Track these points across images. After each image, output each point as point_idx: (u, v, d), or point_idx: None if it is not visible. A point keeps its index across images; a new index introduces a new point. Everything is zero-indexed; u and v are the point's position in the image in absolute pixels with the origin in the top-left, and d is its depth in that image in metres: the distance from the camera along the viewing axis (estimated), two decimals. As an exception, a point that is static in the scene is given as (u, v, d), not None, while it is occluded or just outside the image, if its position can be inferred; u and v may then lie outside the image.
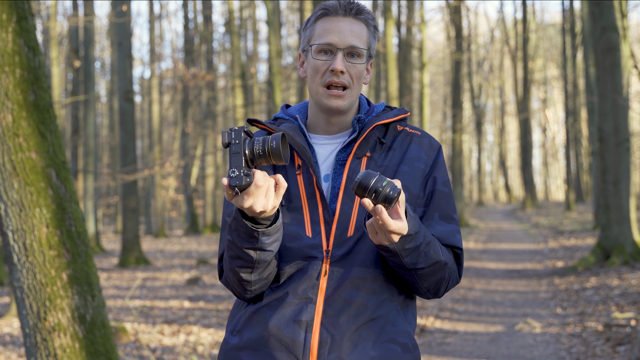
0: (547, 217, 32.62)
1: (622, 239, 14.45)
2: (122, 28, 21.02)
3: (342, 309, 2.27)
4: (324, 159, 2.42)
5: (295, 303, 2.28)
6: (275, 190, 2.11)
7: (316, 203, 2.34)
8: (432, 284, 2.34)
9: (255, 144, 2.09)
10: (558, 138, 62.73)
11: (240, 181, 2.06)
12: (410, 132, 2.48)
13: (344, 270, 2.30)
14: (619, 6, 14.88)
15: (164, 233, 33.04)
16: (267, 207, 2.09)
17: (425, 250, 2.25)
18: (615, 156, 14.60)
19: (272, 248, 2.22)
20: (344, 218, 2.32)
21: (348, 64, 2.37)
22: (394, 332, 2.31)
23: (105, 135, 43.33)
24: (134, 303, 13.06)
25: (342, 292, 2.28)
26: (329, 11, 2.40)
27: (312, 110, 2.48)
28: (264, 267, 2.26)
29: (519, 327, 9.73)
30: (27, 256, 4.74)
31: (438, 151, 2.48)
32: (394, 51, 26.20)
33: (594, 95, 21.23)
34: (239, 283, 2.31)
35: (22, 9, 4.87)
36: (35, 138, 4.80)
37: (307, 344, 2.25)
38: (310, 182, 2.36)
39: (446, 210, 2.42)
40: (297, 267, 2.31)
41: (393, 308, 2.34)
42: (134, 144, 20.95)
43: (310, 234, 2.32)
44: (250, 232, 2.17)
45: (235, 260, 2.27)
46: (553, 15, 68.87)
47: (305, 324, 2.26)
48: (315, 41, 2.40)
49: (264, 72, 38.83)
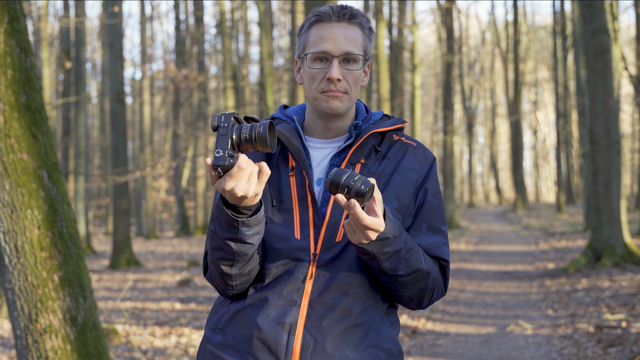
0: (538, 219, 32.69)
1: (613, 241, 14.48)
2: (113, 29, 20.99)
3: (326, 313, 2.27)
4: (318, 163, 2.41)
5: (280, 305, 2.28)
6: (258, 177, 2.10)
7: (307, 206, 2.34)
8: (415, 293, 2.34)
9: (243, 128, 2.09)
10: (549, 140, 62.89)
11: (223, 161, 2.06)
12: (406, 142, 2.48)
13: (330, 274, 2.30)
14: (609, 8, 14.93)
15: (155, 234, 32.99)
16: (248, 192, 2.09)
17: (406, 257, 2.24)
18: (606, 158, 14.64)
19: (253, 241, 2.22)
20: (334, 222, 2.32)
21: (344, 70, 2.36)
22: (377, 339, 2.31)
23: (96, 137, 43.26)
24: (125, 305, 13.03)
25: (327, 297, 2.28)
26: (322, 17, 2.38)
27: (309, 114, 2.48)
28: (245, 262, 2.26)
29: (510, 329, 9.74)
30: (18, 258, 4.72)
31: (432, 163, 2.48)
32: (386, 53, 26.22)
33: (585, 98, 21.29)
34: (220, 277, 2.31)
35: (13, 9, 4.86)
36: (27, 139, 4.79)
37: (290, 346, 2.24)
38: (302, 184, 2.36)
39: (434, 222, 2.42)
40: (283, 268, 2.31)
41: (377, 315, 2.34)
42: (125, 146, 20.92)
43: (298, 237, 2.31)
44: (231, 222, 2.17)
45: (216, 252, 2.27)
46: (544, 17, 69.06)
47: (289, 326, 2.25)
48: (310, 49, 2.39)
49: (256, 74, 38.84)
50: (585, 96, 21.97)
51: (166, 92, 37.32)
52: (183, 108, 31.95)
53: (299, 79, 2.47)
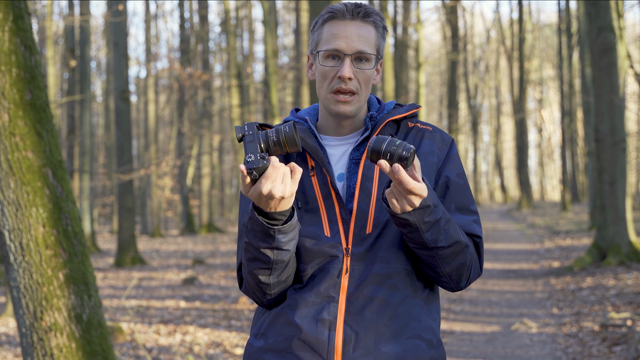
0: (543, 217, 32.64)
1: (618, 239, 14.46)
2: (118, 27, 21.00)
3: (364, 306, 2.27)
4: (337, 159, 2.41)
5: (318, 302, 2.28)
6: (291, 176, 2.11)
7: (332, 203, 2.33)
8: (454, 269, 2.31)
9: (269, 133, 2.12)
10: (554, 138, 62.78)
11: (257, 164, 2.08)
12: (422, 127, 2.47)
13: (365, 267, 2.29)
14: (615, 6, 14.89)
15: (159, 233, 33.00)
16: (285, 192, 2.09)
17: (445, 228, 2.23)
18: (612, 156, 14.61)
19: (289, 247, 2.22)
20: (362, 215, 2.31)
21: (356, 69, 2.35)
22: (418, 328, 2.30)
23: (101, 135, 43.25)
24: (130, 303, 13.05)
25: (364, 289, 2.28)
26: (336, 15, 2.37)
27: (322, 114, 2.47)
28: (282, 269, 2.26)
29: (515, 327, 9.73)
30: (23, 256, 4.73)
31: (451, 144, 2.46)
32: (390, 51, 26.20)
33: (590, 96, 21.27)
34: (258, 287, 2.31)
35: (18, 8, 4.86)
36: (32, 137, 4.79)
37: (331, 342, 2.24)
38: (324, 182, 2.35)
39: (462, 202, 2.40)
40: (318, 266, 2.31)
41: (417, 304, 2.33)
42: (129, 144, 20.93)
43: (328, 234, 2.31)
44: (266, 230, 2.17)
45: (253, 263, 2.27)
46: (549, 15, 69.01)
47: (329, 322, 2.25)
48: (322, 47, 2.38)
49: (260, 72, 38.89)
50: (590, 94, 21.95)
51: (171, 91, 37.33)
52: (188, 106, 31.94)
53: (311, 75, 2.46)
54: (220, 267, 18.77)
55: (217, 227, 33.54)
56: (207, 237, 30.88)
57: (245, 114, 27.87)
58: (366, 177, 2.34)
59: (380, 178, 2.35)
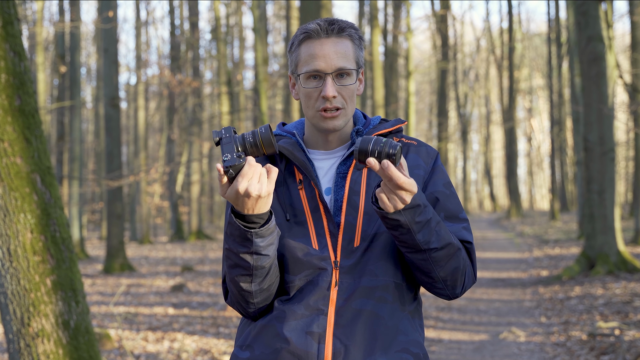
0: (532, 226, 32.72)
1: (607, 249, 14.50)
2: (108, 34, 20.98)
3: (353, 319, 2.27)
4: (324, 173, 2.42)
5: (307, 315, 2.27)
6: (267, 176, 2.12)
7: (320, 216, 2.34)
8: (449, 274, 2.30)
9: (246, 135, 2.16)
10: (543, 147, 63.01)
11: (233, 162, 2.10)
12: (407, 142, 2.49)
13: (354, 280, 2.29)
14: (604, 16, 14.97)
15: (148, 239, 32.94)
16: (261, 191, 2.10)
17: (436, 229, 2.23)
18: (600, 166, 14.66)
19: (268, 252, 2.22)
20: (350, 229, 2.32)
21: (339, 86, 2.35)
22: (406, 342, 2.31)
23: (90, 141, 43.20)
24: (118, 309, 13.01)
25: (353, 302, 2.28)
26: (311, 34, 2.36)
27: (308, 129, 2.48)
28: (263, 276, 2.26)
29: (503, 336, 9.74)
30: (11, 262, 4.71)
31: (436, 157, 2.50)
32: (380, 59, 26.26)
33: (580, 105, 21.35)
34: (240, 295, 2.30)
35: (7, 13, 4.85)
36: (21, 143, 4.78)
37: (321, 355, 2.24)
38: (312, 195, 2.35)
39: (451, 210, 2.41)
40: (306, 278, 2.31)
41: (404, 317, 2.34)
42: (119, 150, 20.90)
43: (317, 247, 2.31)
44: (244, 234, 2.17)
45: (234, 269, 2.27)
46: (539, 24, 69.13)
47: (318, 335, 2.25)
48: (302, 68, 2.37)
49: (250, 79, 38.87)
50: (579, 104, 22.02)
51: (161, 97, 37.31)
52: (177, 113, 31.92)
53: (295, 95, 2.46)
54: (209, 274, 18.74)
55: (206, 234, 33.49)
56: (196, 244, 30.84)
57: (235, 121, 27.85)
58: (353, 190, 2.35)
59: (367, 192, 2.36)
